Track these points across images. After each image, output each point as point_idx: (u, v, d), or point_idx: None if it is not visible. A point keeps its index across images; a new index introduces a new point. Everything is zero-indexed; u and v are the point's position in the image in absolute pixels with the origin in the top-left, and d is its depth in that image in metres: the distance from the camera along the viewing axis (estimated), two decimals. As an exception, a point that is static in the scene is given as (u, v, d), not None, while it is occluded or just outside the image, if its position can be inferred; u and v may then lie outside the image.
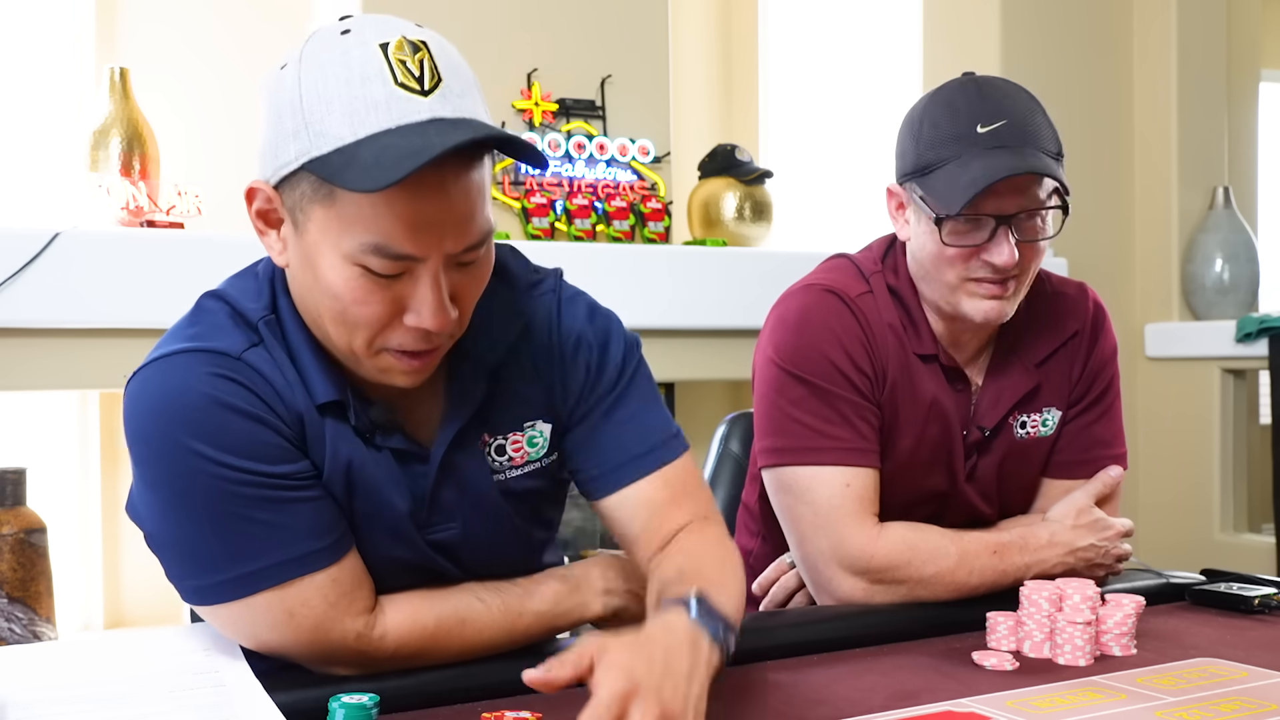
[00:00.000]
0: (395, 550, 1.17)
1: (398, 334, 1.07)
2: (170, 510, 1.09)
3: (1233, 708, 1.11)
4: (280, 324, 1.13)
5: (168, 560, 1.12)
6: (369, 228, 1.01)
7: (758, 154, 3.94)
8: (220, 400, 1.07)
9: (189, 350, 1.09)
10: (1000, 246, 1.45)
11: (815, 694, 1.17)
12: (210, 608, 1.12)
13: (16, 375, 2.44)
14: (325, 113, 1.01)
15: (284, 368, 1.11)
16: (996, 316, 1.50)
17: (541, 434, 1.23)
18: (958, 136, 1.46)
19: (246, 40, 3.22)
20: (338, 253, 1.03)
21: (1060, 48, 3.49)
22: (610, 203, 3.11)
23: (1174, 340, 3.57)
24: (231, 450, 1.06)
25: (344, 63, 1.01)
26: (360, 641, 1.12)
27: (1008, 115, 1.45)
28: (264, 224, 1.10)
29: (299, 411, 1.11)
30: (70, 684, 1.04)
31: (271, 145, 1.05)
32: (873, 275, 1.58)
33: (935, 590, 1.47)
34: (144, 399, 1.09)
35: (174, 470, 1.07)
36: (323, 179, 1.01)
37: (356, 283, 1.04)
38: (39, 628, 2.35)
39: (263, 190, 1.08)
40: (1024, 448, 1.61)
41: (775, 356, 1.54)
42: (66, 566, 2.89)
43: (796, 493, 1.51)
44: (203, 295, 1.17)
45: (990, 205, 1.44)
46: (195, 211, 2.66)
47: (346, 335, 1.08)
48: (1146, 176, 3.64)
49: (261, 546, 1.08)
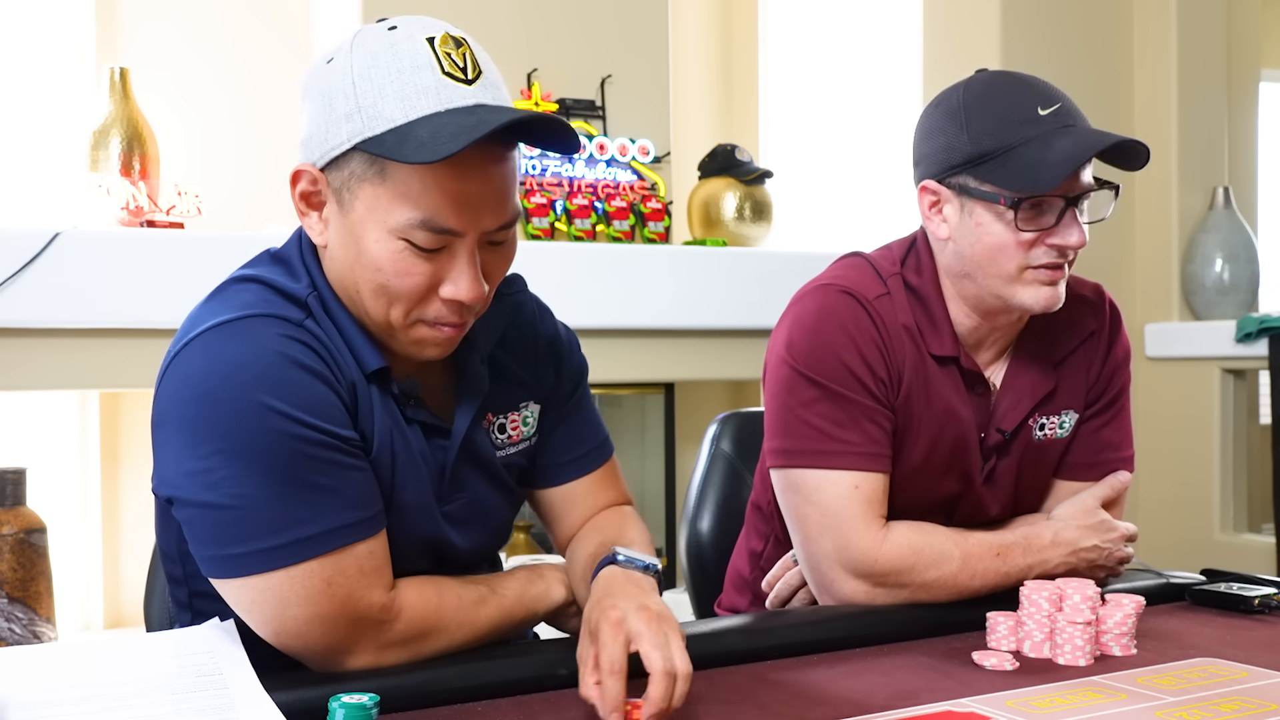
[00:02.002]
0: (413, 523, 1.22)
1: (433, 306, 1.15)
2: (231, 472, 1.08)
3: (1233, 708, 1.11)
4: (323, 301, 1.19)
5: (210, 526, 1.10)
6: (417, 204, 1.10)
7: (758, 154, 3.94)
8: (294, 359, 1.11)
9: (254, 315, 1.12)
10: (1070, 228, 1.45)
11: (815, 694, 1.17)
12: (242, 580, 1.10)
13: (16, 375, 2.44)
14: (378, 97, 1.09)
15: (334, 339, 1.17)
16: (1055, 303, 1.50)
17: (533, 414, 1.35)
18: (1024, 119, 1.45)
19: (246, 40, 3.22)
20: (384, 228, 1.11)
21: (1060, 48, 3.50)
22: (610, 203, 3.11)
23: (1174, 340, 3.58)
24: (305, 409, 1.10)
25: (394, 54, 1.10)
26: (383, 613, 1.14)
27: (1058, 98, 1.47)
28: (306, 206, 1.17)
29: (352, 380, 1.17)
30: (71, 685, 1.04)
31: (320, 130, 1.13)
32: (890, 277, 1.56)
33: (937, 594, 1.47)
34: (213, 360, 1.10)
35: (244, 429, 1.08)
36: (375, 156, 1.09)
37: (400, 256, 1.11)
38: (39, 628, 2.35)
39: (308, 173, 1.15)
40: (1040, 449, 1.61)
41: (788, 357, 1.53)
42: (66, 566, 2.90)
43: (804, 493, 1.51)
44: (231, 280, 1.20)
45: (1061, 186, 1.44)
46: (195, 211, 2.66)
47: (385, 307, 1.15)
48: (1146, 176, 3.63)
49: (317, 512, 1.10)
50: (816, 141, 4.00)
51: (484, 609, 1.23)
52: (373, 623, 1.14)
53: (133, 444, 3.09)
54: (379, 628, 1.14)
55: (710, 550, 1.91)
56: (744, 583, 1.77)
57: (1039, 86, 1.48)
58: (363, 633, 1.14)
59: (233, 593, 1.12)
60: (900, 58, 3.74)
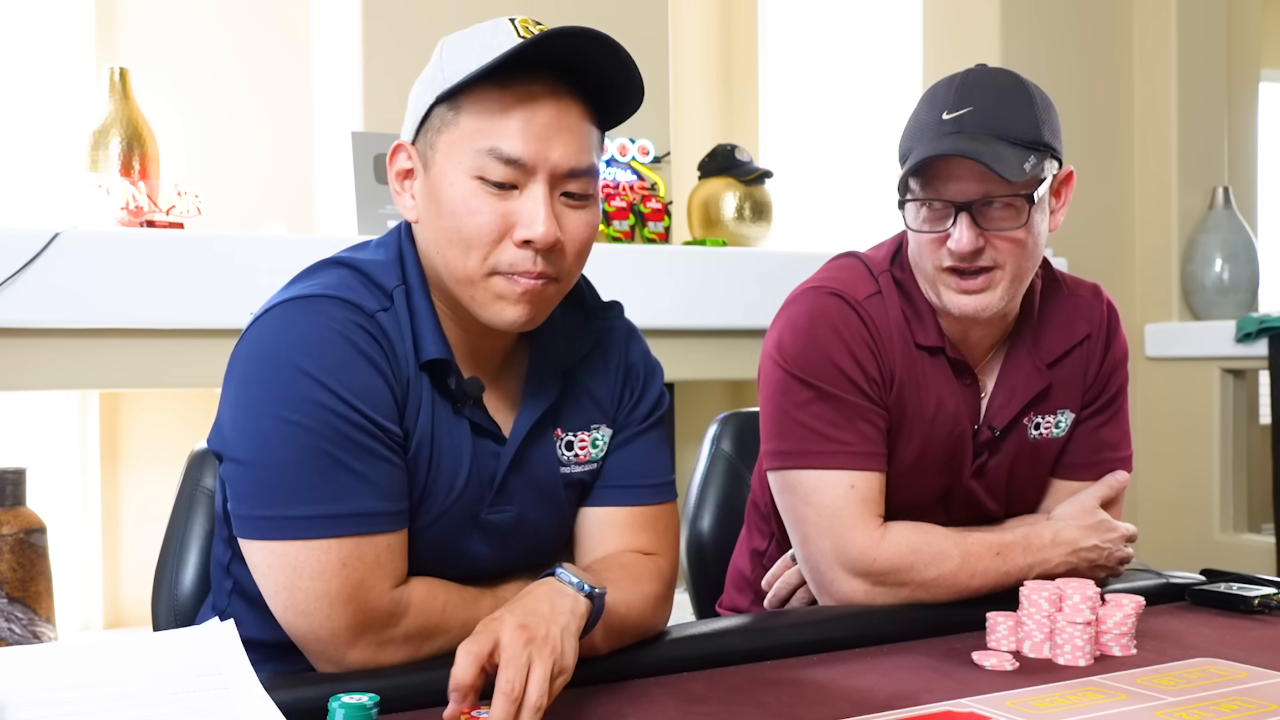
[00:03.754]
0: (438, 525, 1.22)
1: (508, 253, 1.17)
2: (273, 436, 1.13)
3: (1233, 708, 1.11)
4: (408, 293, 1.22)
5: (246, 485, 1.15)
6: (486, 134, 1.15)
7: (758, 154, 3.94)
8: (353, 344, 1.15)
9: (331, 297, 1.17)
10: (959, 233, 1.44)
11: (815, 694, 1.17)
12: (264, 542, 1.14)
13: (16, 375, 2.44)
14: (459, 58, 1.17)
15: (405, 333, 1.20)
16: (973, 310, 1.48)
17: (604, 438, 1.33)
18: (924, 125, 1.48)
19: (246, 40, 3.22)
20: (459, 169, 1.17)
21: (1060, 48, 3.50)
22: (610, 203, 3.11)
23: (1174, 340, 3.58)
24: (355, 393, 1.14)
25: (477, 30, 1.19)
26: (391, 606, 1.15)
27: (975, 103, 1.45)
28: (400, 184, 1.23)
29: (407, 377, 1.20)
30: (71, 685, 1.04)
31: (414, 105, 1.21)
32: (882, 274, 1.57)
33: (937, 593, 1.47)
34: (282, 329, 1.16)
35: (292, 398, 1.13)
36: (451, 102, 1.17)
37: (473, 195, 1.16)
38: (39, 628, 2.35)
39: (403, 149, 1.22)
40: (1036, 448, 1.61)
41: (781, 360, 1.54)
42: (66, 566, 2.90)
43: (801, 494, 1.51)
44: (326, 260, 1.25)
45: (949, 190, 1.44)
46: (195, 211, 2.66)
47: (462, 258, 1.17)
48: (1146, 176, 3.64)
49: (346, 494, 1.13)
50: (816, 141, 3.99)
51: (484, 611, 1.22)
52: (380, 614, 1.15)
53: (133, 444, 3.09)
54: (384, 620, 1.15)
55: (711, 550, 1.91)
56: (745, 582, 1.77)
57: (966, 90, 1.46)
58: (368, 623, 1.15)
59: (254, 554, 1.16)
60: (900, 58, 3.73)
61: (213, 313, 2.48)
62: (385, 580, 1.15)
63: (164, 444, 3.04)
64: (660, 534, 1.34)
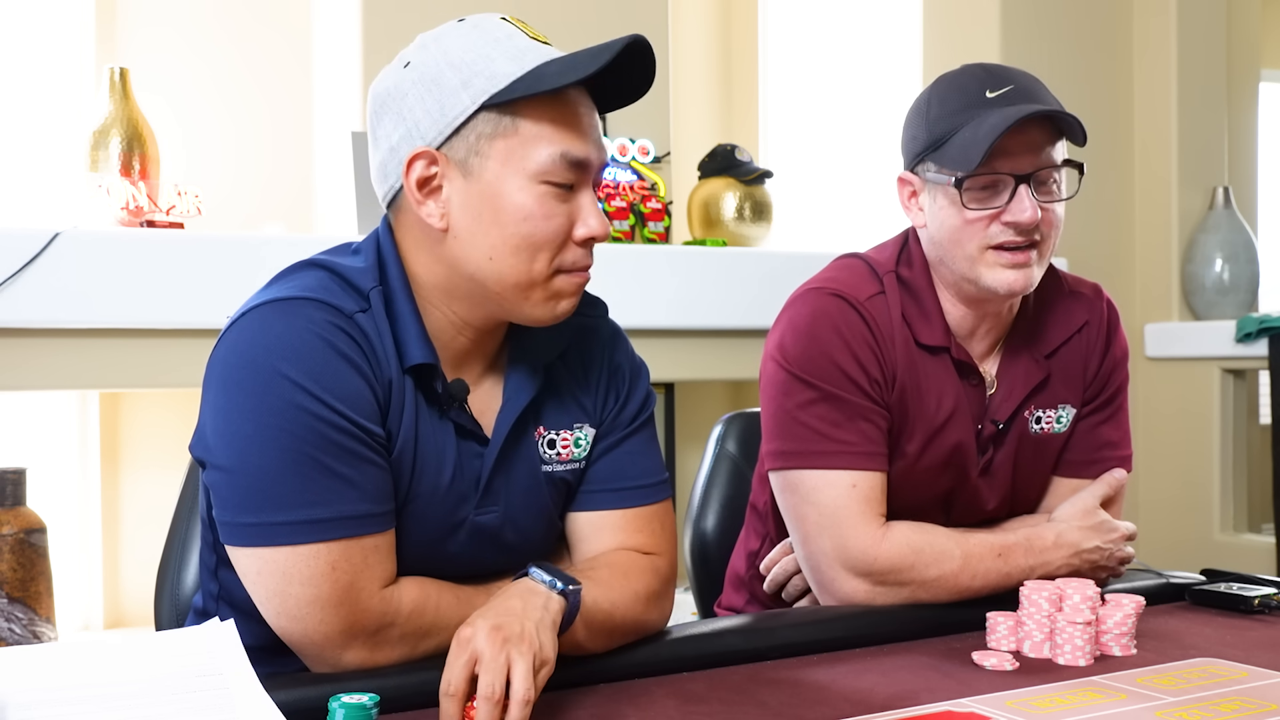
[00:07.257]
0: (425, 528, 1.22)
1: (571, 251, 1.20)
2: (255, 442, 1.12)
3: (1233, 708, 1.11)
4: (389, 296, 1.21)
5: (230, 491, 1.14)
6: (552, 140, 1.17)
7: (758, 154, 3.94)
8: (333, 346, 1.14)
9: (308, 299, 1.16)
10: (1022, 204, 1.46)
11: (815, 694, 1.17)
12: (252, 549, 1.13)
13: (16, 375, 2.44)
14: (488, 61, 1.16)
15: (384, 334, 1.19)
16: (1021, 286, 1.49)
17: (586, 437, 1.32)
18: (970, 104, 1.48)
19: (246, 40, 3.22)
20: (525, 175, 1.17)
21: (1060, 48, 3.50)
22: (610, 203, 3.11)
23: (1174, 340, 3.58)
24: (336, 395, 1.13)
25: (481, 30, 1.19)
26: (383, 606, 1.15)
27: (1014, 82, 1.48)
28: (421, 194, 1.19)
29: (389, 378, 1.19)
30: (71, 685, 1.04)
31: (434, 109, 1.17)
32: (886, 274, 1.57)
33: (938, 593, 1.47)
34: (260, 333, 1.14)
35: (274, 403, 1.11)
36: (505, 108, 1.16)
37: (544, 200, 1.17)
38: (39, 628, 2.35)
39: (426, 154, 1.17)
40: (1038, 443, 1.61)
41: (782, 360, 1.54)
42: (66, 566, 2.90)
43: (802, 494, 1.51)
44: (303, 263, 1.23)
45: (1007, 164, 1.45)
46: (195, 211, 2.66)
47: (527, 263, 1.18)
48: (1146, 176, 3.64)
49: (331, 498, 1.13)
50: (816, 141, 4.00)
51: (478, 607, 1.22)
52: (372, 615, 1.15)
53: (133, 444, 3.09)
54: (377, 621, 1.15)
55: (714, 550, 1.91)
56: (741, 582, 1.77)
57: (999, 74, 1.50)
58: (360, 625, 1.14)
59: (242, 561, 1.15)
60: (900, 58, 3.74)
61: (213, 313, 2.48)
62: (375, 581, 1.15)
63: (164, 444, 3.04)
64: (656, 533, 1.34)
